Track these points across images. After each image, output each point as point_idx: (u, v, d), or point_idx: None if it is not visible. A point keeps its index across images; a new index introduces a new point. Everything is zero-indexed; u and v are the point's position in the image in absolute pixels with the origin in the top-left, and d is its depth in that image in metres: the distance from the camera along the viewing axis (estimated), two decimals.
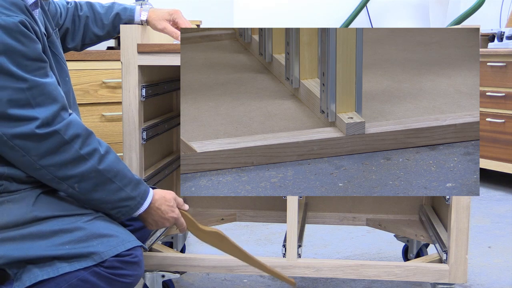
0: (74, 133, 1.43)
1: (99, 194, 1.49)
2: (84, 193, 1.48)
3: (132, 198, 1.52)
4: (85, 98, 2.78)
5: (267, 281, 2.34)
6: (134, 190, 1.52)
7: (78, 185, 1.46)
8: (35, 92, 1.40)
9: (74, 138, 1.43)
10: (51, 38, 1.64)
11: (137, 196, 1.53)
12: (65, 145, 1.42)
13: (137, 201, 1.54)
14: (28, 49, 1.41)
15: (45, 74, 1.44)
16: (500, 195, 3.72)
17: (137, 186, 1.53)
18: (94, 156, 1.46)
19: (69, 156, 1.43)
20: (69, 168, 1.44)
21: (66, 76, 1.67)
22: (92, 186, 1.47)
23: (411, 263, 1.92)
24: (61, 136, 1.42)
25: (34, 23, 1.46)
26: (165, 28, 1.90)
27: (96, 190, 1.48)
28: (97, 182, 1.47)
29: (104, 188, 1.48)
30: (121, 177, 1.50)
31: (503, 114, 3.70)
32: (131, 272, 1.48)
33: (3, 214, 1.45)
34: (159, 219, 1.60)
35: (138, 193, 1.53)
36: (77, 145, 1.43)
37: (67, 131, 1.42)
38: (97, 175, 1.46)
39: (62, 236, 1.46)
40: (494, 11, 4.36)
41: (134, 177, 1.53)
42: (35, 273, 1.44)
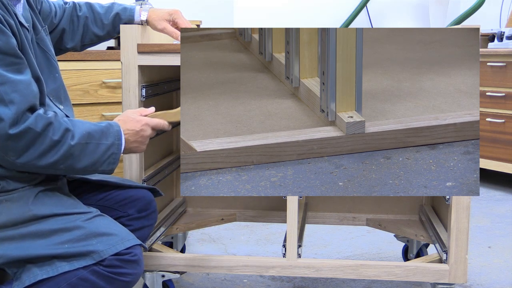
0: (45, 123, 1.42)
1: (84, 161, 1.49)
2: (71, 169, 1.48)
3: (112, 145, 1.53)
4: (85, 98, 2.78)
5: (267, 281, 2.33)
6: (108, 137, 1.52)
7: (63, 166, 1.46)
8: (7, 89, 1.38)
9: (46, 127, 1.42)
10: (40, 35, 1.63)
11: (114, 139, 1.53)
12: (39, 137, 1.42)
13: (116, 144, 1.54)
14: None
15: (18, 70, 1.42)
16: (500, 195, 3.72)
17: (108, 132, 1.53)
18: (67, 136, 1.45)
19: (46, 146, 1.43)
20: (49, 156, 1.44)
21: (56, 73, 1.66)
22: (76, 160, 1.47)
23: (411, 263, 1.91)
24: (34, 130, 1.41)
25: (9, 17, 1.44)
26: (165, 28, 1.89)
27: (80, 159, 1.48)
28: (78, 153, 1.47)
29: (85, 154, 1.48)
30: (93, 134, 1.50)
31: (503, 114, 3.70)
32: (131, 271, 1.48)
33: (2, 213, 1.45)
34: (136, 138, 1.60)
35: (113, 136, 1.53)
36: (50, 133, 1.43)
37: (37, 124, 1.41)
38: (75, 148, 1.46)
39: (61, 235, 1.46)
40: (494, 11, 4.36)
41: (101, 126, 1.53)
42: (34, 272, 1.44)
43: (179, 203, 2.38)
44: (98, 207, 1.64)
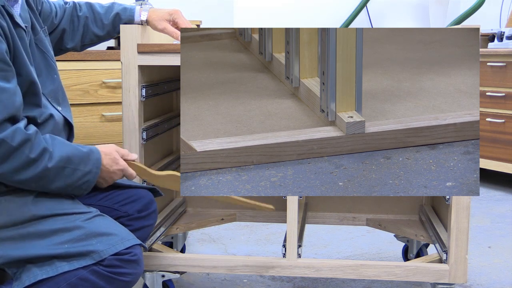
0: (22, 139, 1.40)
1: (58, 184, 1.48)
2: (43, 187, 1.48)
3: (88, 172, 1.52)
4: (85, 98, 2.78)
5: (267, 281, 2.33)
6: (87, 164, 1.51)
7: (35, 184, 1.46)
8: None
9: (23, 143, 1.40)
10: (38, 36, 1.62)
11: (92, 167, 1.52)
12: (14, 152, 1.40)
13: (94, 172, 1.53)
14: None
15: (4, 77, 1.40)
16: (500, 195, 3.72)
17: (88, 158, 1.52)
18: (44, 156, 1.44)
19: (20, 162, 1.41)
20: (22, 173, 1.42)
21: (55, 74, 1.66)
22: (49, 181, 1.47)
23: (411, 263, 1.91)
24: (9, 144, 1.38)
25: (1, 18, 1.43)
26: (165, 28, 1.89)
27: (54, 181, 1.47)
28: (53, 176, 1.46)
29: (60, 177, 1.47)
30: (72, 159, 1.48)
31: (503, 114, 3.70)
32: (131, 271, 1.48)
33: (2, 213, 1.45)
34: (106, 175, 1.59)
35: (92, 164, 1.52)
36: (26, 150, 1.41)
37: (14, 138, 1.39)
38: (51, 172, 1.45)
39: (61, 235, 1.46)
40: (494, 11, 4.36)
41: (83, 151, 1.51)
42: (34, 272, 1.44)
43: (179, 203, 2.38)
44: (98, 207, 1.64)
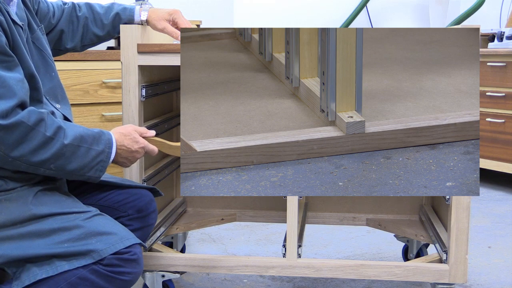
0: (37, 118, 1.42)
1: (74, 164, 1.49)
2: (61, 169, 1.48)
3: (101, 152, 1.53)
4: (85, 98, 2.78)
5: (267, 281, 2.33)
6: (99, 143, 1.53)
7: (54, 165, 1.47)
8: None
9: (39, 122, 1.43)
10: (35, 34, 1.63)
11: (104, 147, 1.54)
12: (31, 132, 1.42)
13: (106, 152, 1.55)
14: None
15: (7, 67, 1.42)
16: (500, 195, 3.72)
17: (100, 138, 1.54)
18: (59, 134, 1.46)
19: (38, 141, 1.43)
20: (41, 152, 1.44)
21: (53, 72, 1.66)
22: (67, 160, 1.48)
23: (411, 263, 1.91)
24: (26, 124, 1.41)
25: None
26: (165, 28, 1.89)
27: (71, 161, 1.48)
28: (69, 154, 1.48)
29: (76, 157, 1.49)
30: (85, 138, 1.50)
31: (503, 114, 3.70)
32: (130, 270, 1.48)
33: (1, 213, 1.45)
34: (128, 155, 1.61)
35: (104, 143, 1.54)
36: (42, 128, 1.43)
37: (30, 118, 1.41)
38: (68, 149, 1.47)
39: (61, 235, 1.46)
40: (494, 11, 4.36)
41: (93, 132, 1.54)
42: (34, 271, 1.44)
43: (179, 203, 2.38)
44: (98, 207, 1.64)
